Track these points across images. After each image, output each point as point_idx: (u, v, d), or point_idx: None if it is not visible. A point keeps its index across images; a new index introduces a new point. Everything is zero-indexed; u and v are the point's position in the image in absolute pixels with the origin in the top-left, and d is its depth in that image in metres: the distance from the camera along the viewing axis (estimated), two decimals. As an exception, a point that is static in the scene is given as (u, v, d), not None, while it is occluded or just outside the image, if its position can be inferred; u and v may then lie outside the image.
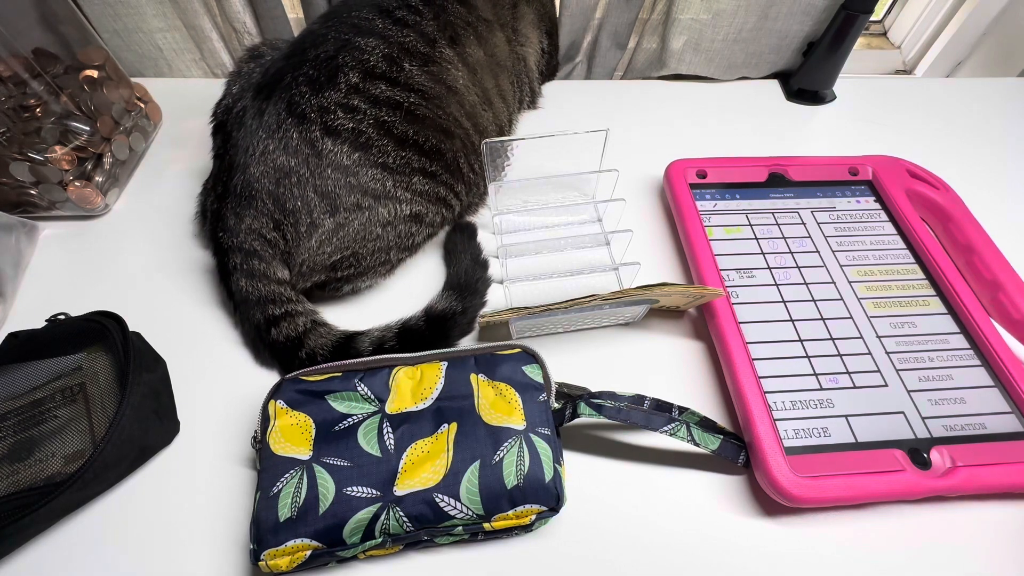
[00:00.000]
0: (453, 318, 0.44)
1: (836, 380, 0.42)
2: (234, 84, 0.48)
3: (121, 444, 0.36)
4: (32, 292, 0.49)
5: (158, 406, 0.40)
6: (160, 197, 0.56)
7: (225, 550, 0.36)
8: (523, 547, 0.37)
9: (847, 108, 0.68)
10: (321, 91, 0.43)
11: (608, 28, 0.67)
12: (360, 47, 0.44)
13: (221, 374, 0.44)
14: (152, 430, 0.39)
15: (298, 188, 0.43)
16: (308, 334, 0.43)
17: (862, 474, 0.37)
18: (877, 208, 0.53)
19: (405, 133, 0.45)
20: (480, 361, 0.39)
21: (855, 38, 0.63)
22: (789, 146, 0.63)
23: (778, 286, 0.47)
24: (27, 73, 0.49)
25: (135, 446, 0.38)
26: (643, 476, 0.40)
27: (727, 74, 0.70)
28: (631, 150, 0.60)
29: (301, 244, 0.44)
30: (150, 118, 0.61)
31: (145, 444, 0.39)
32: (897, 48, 0.83)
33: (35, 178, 0.50)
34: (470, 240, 0.51)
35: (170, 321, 0.47)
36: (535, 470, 0.34)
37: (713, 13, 0.64)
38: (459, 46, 0.50)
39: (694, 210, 0.51)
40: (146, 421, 0.38)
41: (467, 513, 0.34)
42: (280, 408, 0.36)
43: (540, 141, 0.49)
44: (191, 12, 0.63)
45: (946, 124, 0.66)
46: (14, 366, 0.39)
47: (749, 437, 0.39)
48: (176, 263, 0.51)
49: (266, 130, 0.43)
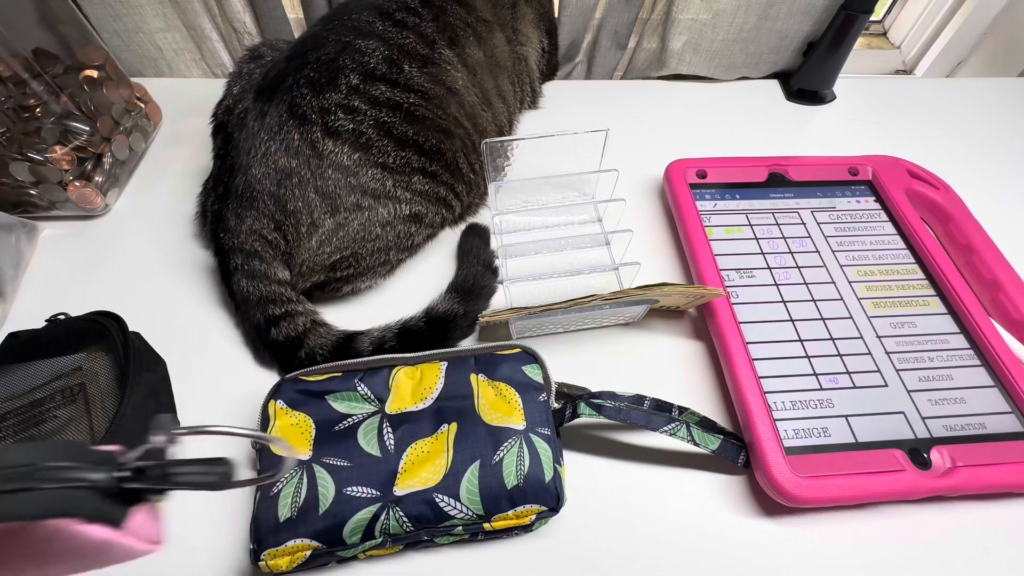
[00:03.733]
0: (454, 320, 0.44)
1: (836, 380, 0.42)
2: (234, 85, 0.48)
3: (121, 444, 0.36)
4: (32, 292, 0.49)
5: (158, 406, 0.40)
6: (160, 197, 0.56)
7: (225, 550, 0.36)
8: (523, 547, 0.37)
9: (847, 108, 0.68)
10: (322, 92, 0.43)
11: (608, 28, 0.67)
12: (360, 49, 0.45)
13: (221, 374, 0.44)
14: (152, 430, 0.39)
15: (299, 189, 0.43)
16: (308, 334, 0.43)
17: (862, 474, 0.37)
18: (877, 208, 0.53)
19: (405, 133, 0.45)
20: (480, 361, 0.39)
21: (855, 38, 0.63)
22: (789, 146, 0.63)
23: (778, 286, 0.47)
24: (27, 73, 0.49)
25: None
26: (643, 476, 0.40)
27: (727, 74, 0.70)
28: (631, 150, 0.60)
29: (302, 244, 0.44)
30: (150, 118, 0.61)
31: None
32: (897, 48, 0.83)
33: (35, 178, 0.50)
34: (485, 245, 0.51)
35: (170, 321, 0.47)
36: (535, 470, 0.34)
37: (713, 13, 0.64)
38: (458, 47, 0.50)
39: (694, 210, 0.51)
40: (146, 421, 0.38)
41: (467, 513, 0.34)
42: (280, 408, 0.37)
43: (540, 141, 0.49)
44: (191, 12, 0.63)
45: (946, 124, 0.66)
46: (14, 366, 0.39)
47: (749, 437, 0.39)
48: (176, 263, 0.51)
49: (268, 132, 0.43)
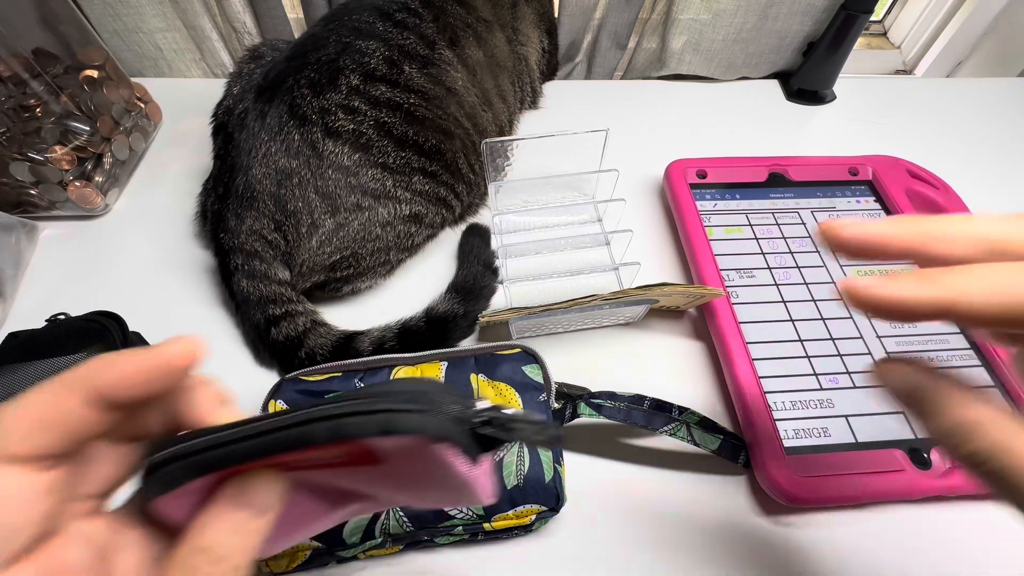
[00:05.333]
0: (454, 320, 0.44)
1: (836, 380, 0.42)
2: (235, 85, 0.48)
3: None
4: (32, 292, 0.49)
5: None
6: (160, 197, 0.56)
7: (225, 550, 0.36)
8: (523, 547, 0.37)
9: (847, 108, 0.68)
10: (322, 93, 0.43)
11: (608, 28, 0.67)
12: (361, 49, 0.45)
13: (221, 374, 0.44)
14: (152, 430, 0.39)
15: (299, 189, 0.43)
16: (308, 334, 0.43)
17: (862, 474, 0.37)
18: (877, 208, 0.53)
19: (405, 134, 0.45)
20: (480, 361, 0.39)
21: (855, 38, 0.63)
22: (789, 146, 0.63)
23: (778, 286, 0.47)
24: (27, 73, 0.49)
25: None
26: (643, 476, 0.40)
27: (727, 74, 0.70)
28: (631, 150, 0.60)
29: (302, 245, 0.44)
30: (150, 118, 0.61)
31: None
32: (897, 48, 0.83)
33: (35, 178, 0.50)
34: (486, 245, 0.51)
35: (170, 321, 0.47)
36: (535, 470, 0.34)
37: (713, 13, 0.64)
38: (458, 47, 0.50)
39: (694, 210, 0.51)
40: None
41: (467, 513, 0.34)
42: (280, 408, 0.37)
43: (540, 141, 0.49)
44: (191, 12, 0.63)
45: (946, 124, 0.66)
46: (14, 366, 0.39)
47: (749, 437, 0.39)
48: (176, 263, 0.51)
49: (268, 132, 0.43)
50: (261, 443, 0.16)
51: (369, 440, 0.16)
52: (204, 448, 0.16)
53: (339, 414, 0.16)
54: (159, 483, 0.17)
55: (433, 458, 0.17)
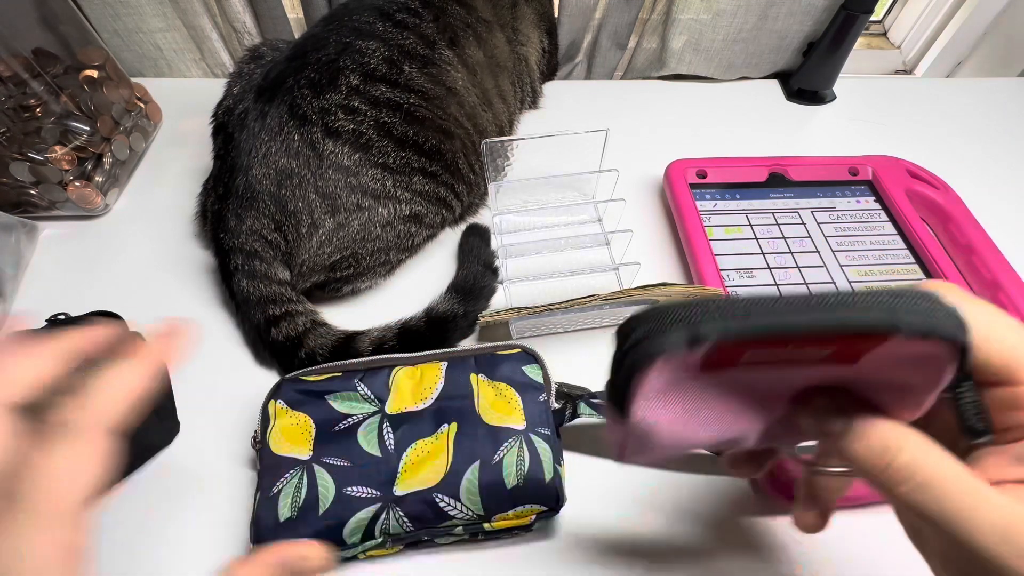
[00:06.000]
0: (454, 320, 0.44)
1: (836, 380, 0.41)
2: (235, 85, 0.48)
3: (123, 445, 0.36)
4: (32, 292, 0.49)
5: (158, 406, 0.40)
6: (160, 197, 0.56)
7: (225, 550, 0.36)
8: (523, 547, 0.37)
9: (847, 108, 0.68)
10: (322, 93, 0.43)
11: (608, 28, 0.67)
12: (361, 50, 0.45)
13: (221, 374, 0.44)
14: (152, 430, 0.39)
15: (299, 189, 0.43)
16: (308, 334, 0.43)
17: (862, 474, 0.37)
18: (877, 208, 0.53)
19: (405, 134, 0.45)
20: (480, 361, 0.39)
21: (855, 38, 0.63)
22: (789, 146, 0.63)
23: (778, 286, 0.47)
24: (27, 73, 0.49)
25: (135, 446, 0.38)
26: (643, 476, 0.40)
27: (727, 74, 0.70)
28: (631, 150, 0.60)
29: (302, 245, 0.44)
30: (150, 118, 0.61)
31: (145, 444, 0.39)
32: (897, 48, 0.83)
33: (35, 178, 0.50)
34: (486, 245, 0.51)
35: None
36: (535, 470, 0.34)
37: (713, 13, 0.64)
38: (458, 47, 0.50)
39: (694, 210, 0.51)
40: (146, 421, 0.38)
41: (467, 513, 0.34)
42: (280, 408, 0.37)
43: (540, 141, 0.49)
44: (191, 12, 0.63)
45: (946, 124, 0.66)
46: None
47: (749, 437, 0.39)
48: (176, 263, 0.51)
49: (268, 132, 0.43)
50: (837, 319, 0.16)
51: (886, 337, 0.16)
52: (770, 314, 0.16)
53: (886, 306, 0.16)
54: (702, 330, 0.16)
55: (927, 364, 0.17)
